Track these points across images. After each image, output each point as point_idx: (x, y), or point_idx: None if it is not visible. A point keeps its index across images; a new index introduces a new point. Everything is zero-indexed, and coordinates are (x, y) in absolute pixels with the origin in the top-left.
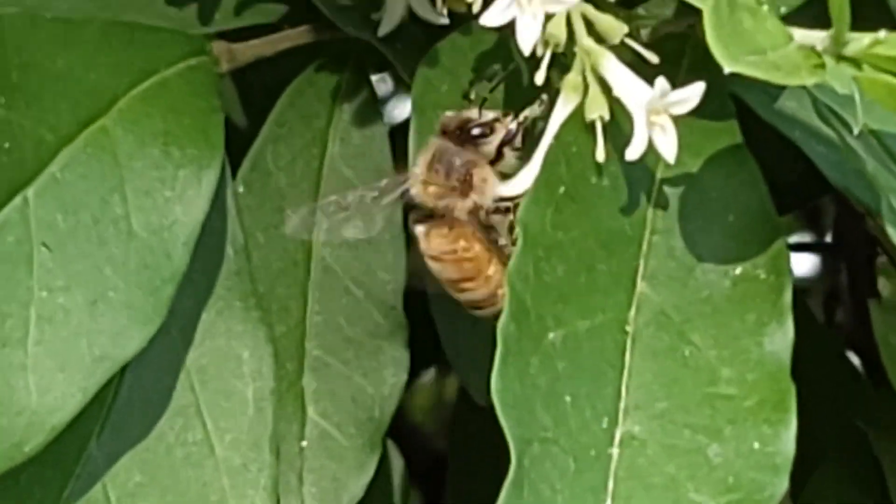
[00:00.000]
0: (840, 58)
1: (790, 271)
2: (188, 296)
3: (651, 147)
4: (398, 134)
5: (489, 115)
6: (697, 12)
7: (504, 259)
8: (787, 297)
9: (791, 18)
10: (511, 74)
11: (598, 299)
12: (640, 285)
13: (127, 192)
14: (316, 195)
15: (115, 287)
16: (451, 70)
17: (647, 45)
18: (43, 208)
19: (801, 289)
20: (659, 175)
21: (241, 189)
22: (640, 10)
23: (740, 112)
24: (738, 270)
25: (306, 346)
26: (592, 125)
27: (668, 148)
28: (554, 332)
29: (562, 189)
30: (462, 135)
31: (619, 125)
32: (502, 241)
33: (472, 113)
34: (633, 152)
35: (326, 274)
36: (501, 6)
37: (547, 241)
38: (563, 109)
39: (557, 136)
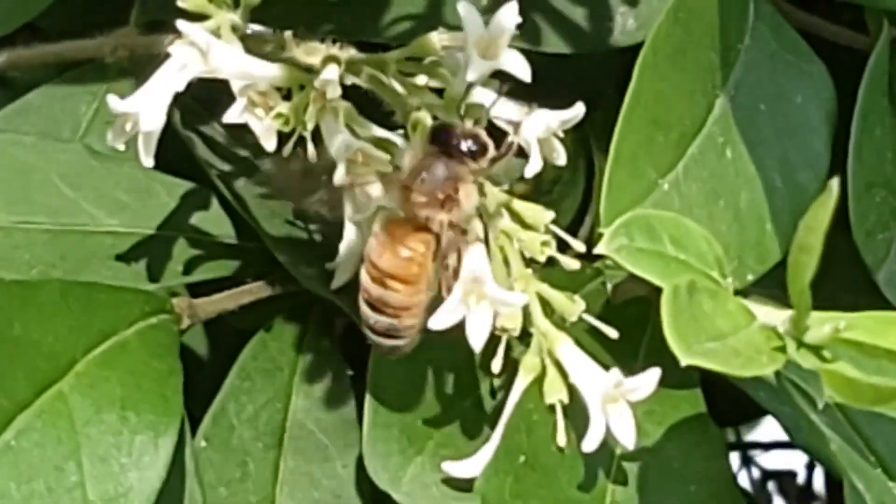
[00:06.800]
0: (801, 343)
1: None
2: None
3: None
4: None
5: (481, 131)
6: None
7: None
8: None
9: (758, 282)
10: None
11: None
12: None
13: (83, 460)
14: (280, 449)
15: None
16: None
17: (611, 309)
18: None
19: (776, 474)
20: (620, 445)
21: (202, 443)
22: (608, 261)
23: None
24: None
25: None
26: None
27: (626, 434)
28: None
29: (522, 458)
30: (455, 148)
31: (577, 399)
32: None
33: (467, 127)
34: (589, 443)
35: None
36: (450, 308)
37: None
38: (521, 386)
39: (519, 404)
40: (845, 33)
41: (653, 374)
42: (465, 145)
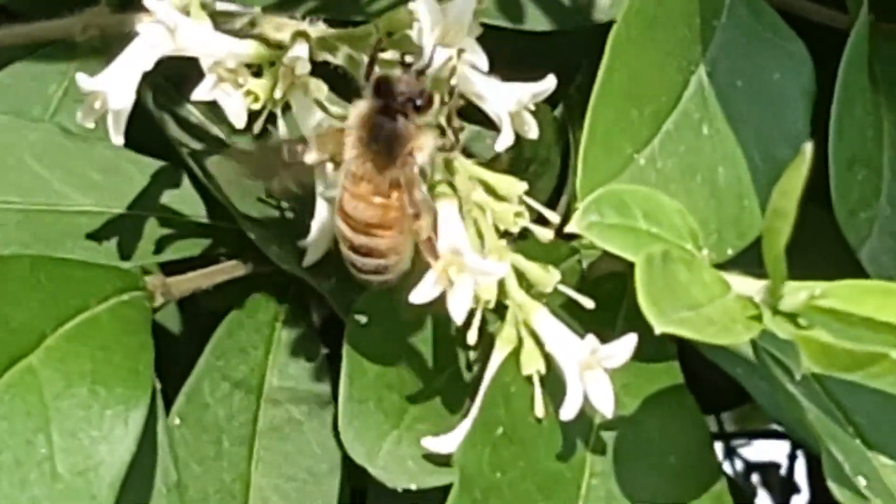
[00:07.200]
0: (777, 311)
1: None
2: None
3: None
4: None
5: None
6: None
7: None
8: None
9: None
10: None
11: None
12: None
13: (52, 433)
14: (254, 426)
15: None
16: (383, 313)
17: (586, 287)
18: None
19: (759, 465)
20: (598, 417)
21: (176, 421)
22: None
23: None
24: None
25: None
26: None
27: (604, 401)
28: None
29: (500, 430)
30: (399, 103)
31: (555, 371)
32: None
33: (410, 79)
34: (567, 411)
35: None
36: (430, 282)
37: (484, 482)
38: (498, 359)
39: (496, 376)
40: (824, 12)
41: (629, 341)
42: (409, 99)
